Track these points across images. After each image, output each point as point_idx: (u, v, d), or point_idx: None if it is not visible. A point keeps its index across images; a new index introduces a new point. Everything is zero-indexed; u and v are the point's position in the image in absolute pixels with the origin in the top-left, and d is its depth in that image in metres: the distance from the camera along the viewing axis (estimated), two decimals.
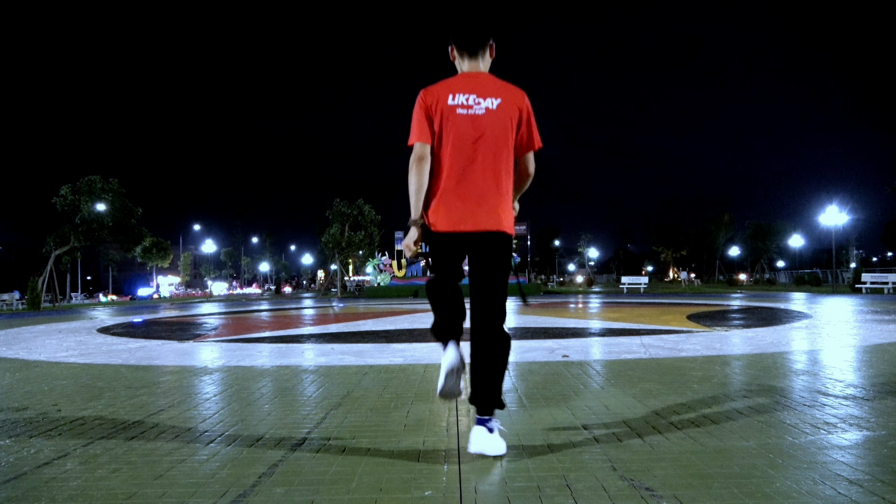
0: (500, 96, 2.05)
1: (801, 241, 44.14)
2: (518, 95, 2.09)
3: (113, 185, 28.16)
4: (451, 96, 2.04)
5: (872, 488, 1.66)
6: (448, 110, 2.03)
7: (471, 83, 2.07)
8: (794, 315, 9.15)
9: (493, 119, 2.03)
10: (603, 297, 21.61)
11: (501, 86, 2.09)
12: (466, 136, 2.02)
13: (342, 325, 8.56)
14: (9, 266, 61.37)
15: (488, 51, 2.15)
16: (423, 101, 2.06)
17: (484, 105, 2.03)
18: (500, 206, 2.03)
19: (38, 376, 4.09)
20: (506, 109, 2.04)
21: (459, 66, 2.17)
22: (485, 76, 2.11)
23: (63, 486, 1.79)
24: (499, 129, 2.03)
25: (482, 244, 2.02)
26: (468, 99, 2.04)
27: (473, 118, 2.02)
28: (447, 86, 2.07)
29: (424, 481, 1.78)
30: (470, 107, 2.03)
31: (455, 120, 2.02)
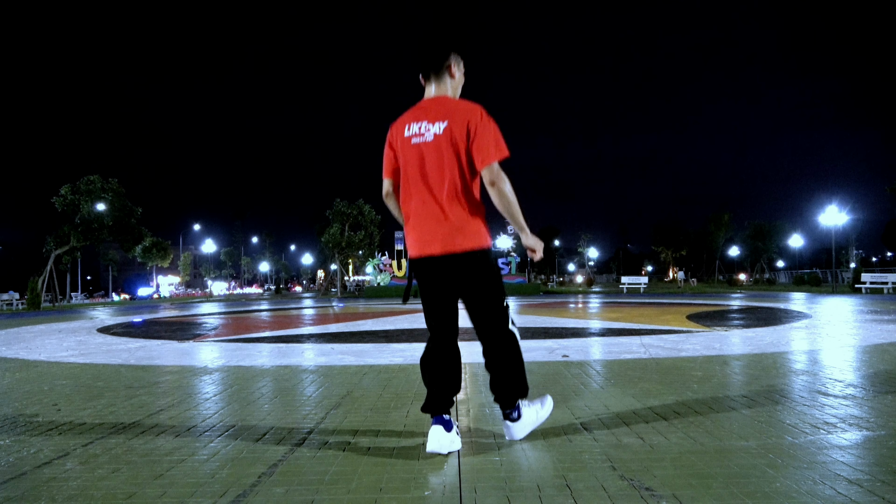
0: (447, 118, 2.04)
1: (800, 241, 44.14)
2: (466, 112, 2.03)
3: (113, 184, 28.16)
4: (407, 127, 2.10)
5: (872, 488, 1.66)
6: (404, 142, 2.10)
7: (425, 110, 2.10)
8: (794, 315, 9.15)
9: (438, 143, 2.03)
10: (603, 297, 21.61)
11: (452, 106, 2.07)
12: (415, 165, 2.07)
13: (342, 325, 8.56)
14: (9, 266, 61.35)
15: (446, 72, 2.15)
16: (388, 135, 2.17)
17: (432, 131, 2.04)
18: (457, 228, 2.02)
19: (38, 376, 4.10)
20: (451, 132, 2.02)
21: (426, 91, 2.18)
22: (440, 101, 2.11)
23: (63, 485, 1.80)
24: (443, 152, 2.02)
25: (451, 267, 2.05)
26: (420, 127, 2.07)
27: (423, 146, 2.05)
28: (407, 116, 2.14)
29: (424, 481, 1.78)
30: (422, 135, 2.06)
31: (408, 151, 2.09)
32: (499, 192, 2.02)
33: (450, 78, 2.16)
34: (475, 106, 2.06)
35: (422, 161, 2.06)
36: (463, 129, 2.02)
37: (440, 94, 2.15)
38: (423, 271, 2.10)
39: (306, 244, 70.23)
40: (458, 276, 2.07)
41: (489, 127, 2.02)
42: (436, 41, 2.14)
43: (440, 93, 2.15)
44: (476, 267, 2.06)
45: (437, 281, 2.09)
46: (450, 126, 2.03)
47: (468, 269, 2.05)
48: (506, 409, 2.16)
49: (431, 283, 2.10)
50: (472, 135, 2.01)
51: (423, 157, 2.05)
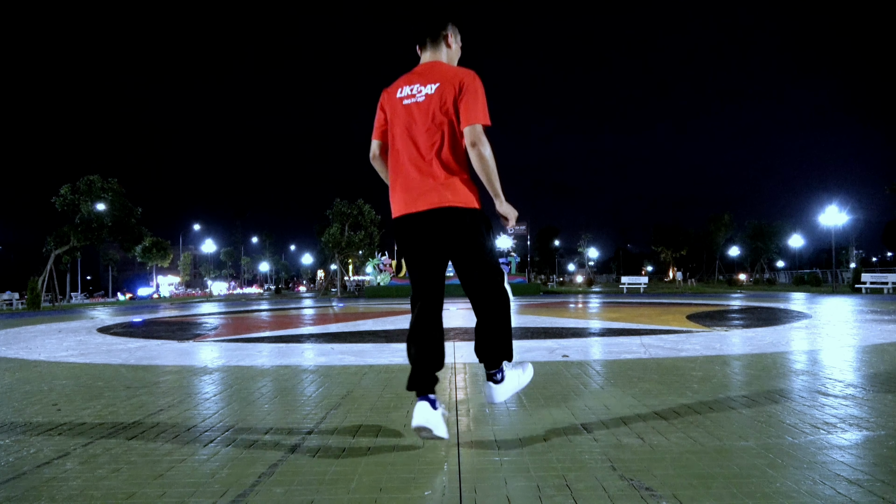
0: (439, 80, 2.06)
1: (800, 241, 44.15)
2: (459, 75, 2.06)
3: (112, 184, 28.17)
4: (400, 89, 2.13)
5: (872, 488, 1.66)
6: (396, 103, 2.13)
7: (420, 74, 2.13)
8: (794, 315, 9.15)
9: (429, 102, 2.05)
10: (603, 297, 21.61)
11: (447, 70, 2.10)
12: (404, 125, 2.09)
13: (342, 325, 8.56)
14: (9, 266, 61.34)
15: (443, 41, 2.18)
16: (381, 98, 2.20)
17: (424, 92, 2.07)
18: (446, 186, 2.02)
19: (38, 376, 4.09)
20: (442, 92, 2.04)
21: (422, 59, 2.22)
22: (435, 65, 2.14)
23: (63, 485, 1.79)
24: (433, 111, 2.04)
25: (440, 223, 2.03)
26: (412, 89, 2.10)
27: (416, 106, 2.08)
28: (400, 80, 2.16)
29: (424, 481, 1.78)
30: (413, 96, 2.09)
31: (399, 111, 2.11)
32: (479, 154, 2.01)
33: (446, 48, 2.19)
34: (469, 70, 2.08)
35: (411, 121, 2.08)
36: (454, 89, 2.03)
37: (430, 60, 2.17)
38: (409, 230, 2.08)
39: (306, 244, 70.24)
40: (446, 234, 2.04)
41: (479, 91, 2.04)
42: (434, 10, 2.16)
43: (435, 59, 2.17)
44: (465, 225, 2.04)
45: (424, 240, 2.07)
46: (441, 87, 2.05)
47: (457, 228, 2.03)
48: (491, 369, 2.18)
49: (418, 244, 2.08)
50: (462, 93, 2.02)
51: (413, 117, 2.07)
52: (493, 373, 2.19)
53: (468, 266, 2.09)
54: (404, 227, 2.10)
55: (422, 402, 2.04)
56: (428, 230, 2.05)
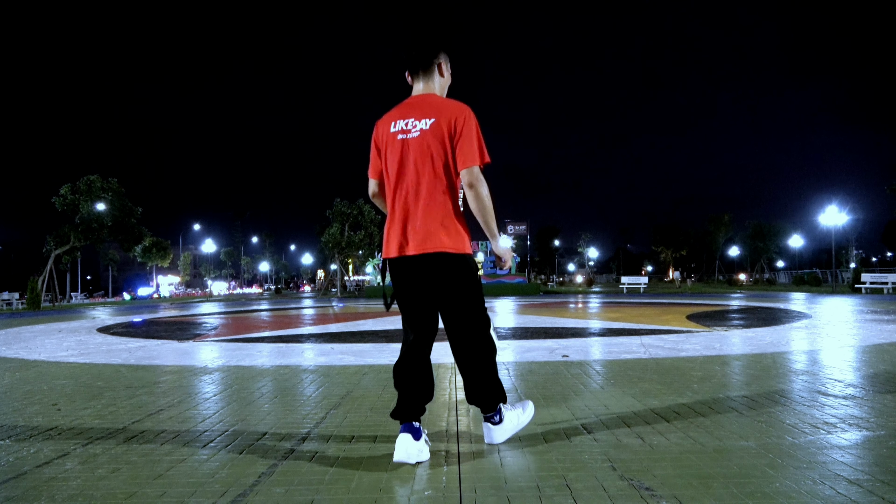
0: (434, 115, 2.01)
1: (800, 241, 44.13)
2: (453, 111, 2.00)
3: (112, 184, 28.17)
4: (394, 123, 2.06)
5: (872, 488, 1.66)
6: (390, 138, 2.06)
7: (413, 107, 2.07)
8: (794, 315, 9.15)
9: (423, 139, 1.99)
10: (603, 297, 21.61)
11: (439, 104, 2.04)
12: (399, 162, 2.03)
13: (342, 325, 8.56)
14: (9, 266, 61.33)
15: (436, 70, 2.13)
16: (374, 135, 2.12)
17: (419, 127, 2.01)
18: (439, 228, 1.97)
19: (38, 376, 4.09)
20: (438, 128, 1.99)
21: (414, 89, 2.16)
22: (428, 98, 2.09)
23: (63, 485, 1.79)
24: (427, 149, 1.99)
25: (428, 267, 1.98)
26: (407, 123, 2.03)
27: (409, 142, 2.02)
28: (393, 113, 2.09)
29: (424, 481, 1.78)
30: (408, 131, 2.02)
31: (393, 146, 2.04)
32: (476, 195, 1.98)
33: (438, 76, 2.15)
34: (463, 106, 2.03)
35: (406, 157, 2.02)
36: (449, 127, 1.99)
37: (426, 92, 2.12)
38: (403, 273, 2.03)
39: (306, 244, 70.28)
40: (434, 278, 1.99)
41: (474, 130, 1.99)
42: (426, 39, 2.12)
43: (428, 90, 2.12)
44: (458, 271, 1.99)
45: (413, 283, 2.02)
46: (437, 122, 1.99)
47: (450, 273, 1.98)
48: (487, 412, 2.12)
49: (411, 286, 2.03)
50: (457, 134, 1.98)
51: (408, 153, 2.02)
52: (491, 416, 2.12)
53: (457, 313, 2.03)
54: (398, 269, 2.04)
55: (404, 434, 1.95)
56: (422, 274, 2.00)
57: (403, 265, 2.02)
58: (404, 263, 2.01)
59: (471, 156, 1.97)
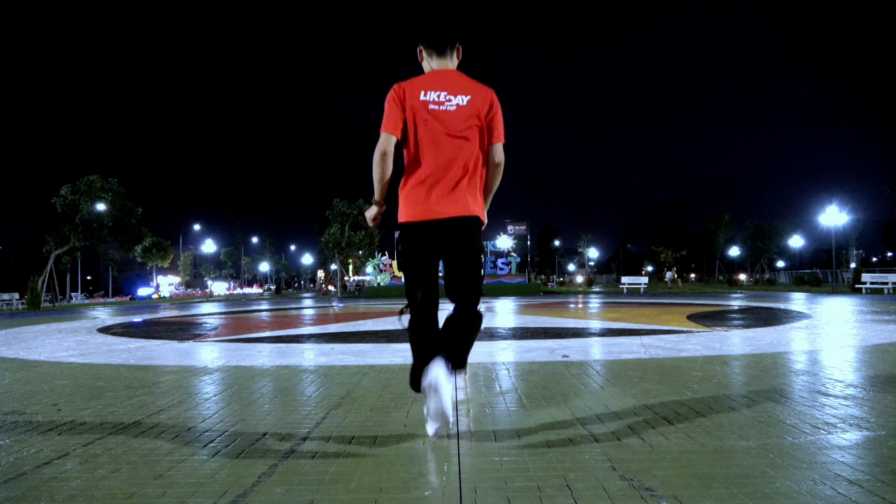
0: (469, 93, 2.14)
1: (801, 241, 44.13)
2: (487, 93, 2.18)
3: (113, 184, 28.17)
4: (423, 93, 2.12)
5: (872, 488, 1.66)
6: (420, 106, 2.11)
7: (442, 80, 2.16)
8: (794, 315, 9.15)
9: (463, 115, 2.12)
10: (603, 297, 21.61)
11: (471, 83, 2.18)
12: (438, 131, 2.11)
13: (342, 325, 8.56)
14: (9, 266, 61.33)
15: (455, 52, 2.25)
16: (396, 94, 2.14)
17: (455, 101, 2.12)
18: (468, 195, 2.13)
19: (38, 376, 4.09)
20: (475, 105, 2.13)
21: (428, 66, 2.25)
22: (455, 74, 2.20)
23: (63, 485, 1.79)
24: (468, 124, 2.12)
25: (455, 230, 2.11)
26: (440, 95, 2.12)
27: (445, 114, 2.11)
28: (420, 82, 2.16)
29: (424, 481, 1.78)
30: (441, 103, 2.11)
31: (427, 115, 2.11)
32: (500, 170, 2.21)
33: (456, 58, 2.26)
34: (491, 89, 2.20)
35: (440, 127, 2.10)
36: (486, 107, 2.15)
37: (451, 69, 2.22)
38: (426, 235, 2.11)
39: (306, 244, 70.23)
40: (461, 239, 2.12)
41: (501, 112, 2.20)
42: (450, 18, 2.22)
43: (450, 67, 2.22)
44: (477, 234, 2.17)
45: (436, 245, 2.13)
46: (473, 100, 2.13)
47: (471, 235, 2.14)
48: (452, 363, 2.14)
49: (428, 250, 2.13)
50: (491, 114, 2.16)
51: (443, 124, 2.10)
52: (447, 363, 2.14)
53: (464, 272, 2.15)
54: (427, 232, 2.11)
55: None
56: (449, 235, 2.11)
57: (433, 228, 2.10)
58: (434, 227, 2.10)
59: (501, 134, 2.19)
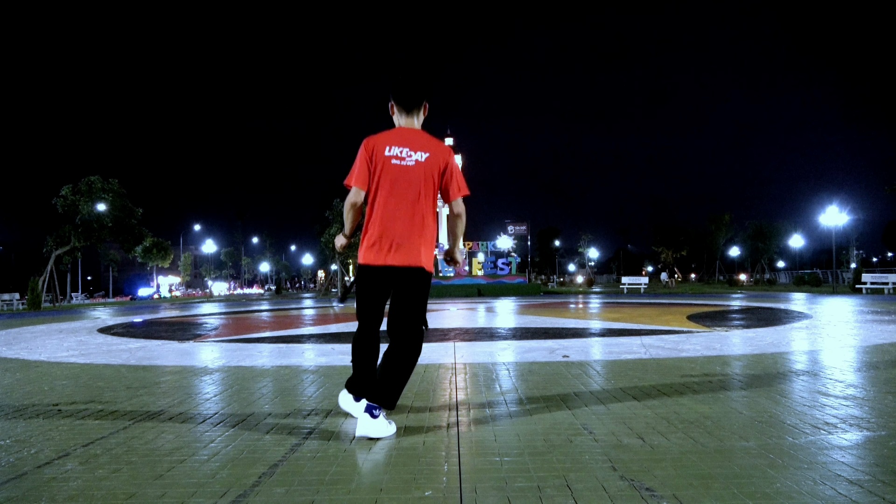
0: (428, 151, 2.38)
1: (801, 241, 44.11)
2: (444, 151, 2.42)
3: (113, 185, 28.17)
4: (388, 148, 2.36)
5: (873, 488, 1.66)
6: (385, 160, 2.34)
7: (405, 137, 2.40)
8: (795, 315, 9.15)
9: (420, 170, 2.35)
10: (603, 297, 21.61)
11: (430, 141, 2.42)
12: (392, 183, 2.33)
13: (342, 326, 8.56)
14: (9, 266, 61.38)
15: (423, 110, 2.49)
16: (366, 147, 2.37)
17: (414, 158, 2.35)
18: (420, 245, 2.35)
19: (39, 376, 4.10)
20: (432, 162, 2.37)
21: (397, 121, 2.49)
22: (417, 133, 2.44)
23: (63, 486, 1.80)
24: (424, 179, 2.35)
25: (403, 277, 2.34)
26: (402, 151, 2.35)
27: (405, 168, 2.34)
28: (386, 138, 2.39)
29: (424, 481, 1.78)
30: (403, 158, 2.35)
31: (389, 169, 2.34)
32: (461, 220, 2.47)
33: (423, 115, 2.51)
34: (448, 147, 2.46)
35: (399, 181, 2.33)
36: (441, 165, 2.39)
37: (414, 127, 2.46)
38: (382, 277, 2.34)
39: (306, 244, 70.21)
40: (410, 286, 2.35)
41: (458, 169, 2.46)
42: (419, 83, 2.46)
43: (413, 125, 2.47)
44: (425, 282, 2.39)
45: (385, 286, 2.36)
46: (431, 158, 2.37)
47: (420, 283, 2.37)
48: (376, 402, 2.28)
49: (379, 287, 2.35)
50: (447, 171, 2.41)
51: (404, 179, 2.34)
52: (375, 409, 2.27)
53: (412, 309, 2.36)
54: (383, 275, 2.33)
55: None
56: (397, 280, 2.35)
57: (384, 273, 2.33)
58: (385, 271, 2.33)
59: (462, 188, 2.44)
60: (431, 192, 2.38)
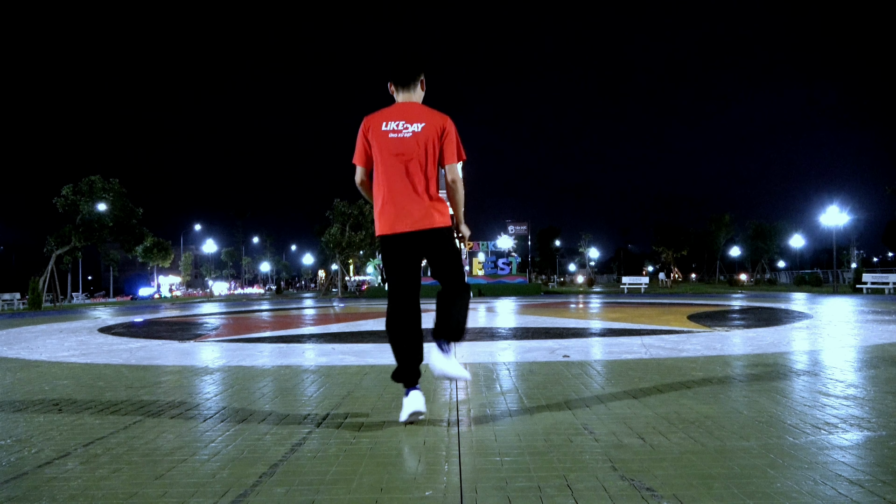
0: (423, 121, 2.45)
1: (801, 241, 44.09)
2: (440, 119, 2.48)
3: (114, 185, 28.20)
4: (384, 123, 2.46)
5: (873, 489, 1.66)
6: (381, 135, 2.45)
7: (401, 112, 2.49)
8: (795, 315, 9.15)
9: (416, 140, 2.43)
10: (603, 297, 21.60)
11: (427, 112, 2.50)
12: (391, 155, 2.43)
13: (343, 325, 8.56)
14: (10, 266, 61.39)
15: (419, 85, 2.57)
16: (364, 126, 2.49)
17: (410, 129, 2.44)
18: (429, 208, 2.42)
19: (39, 376, 4.10)
20: (428, 131, 2.44)
21: (396, 98, 2.57)
22: (413, 105, 2.52)
23: (64, 485, 1.80)
24: (421, 147, 2.42)
25: (421, 242, 2.44)
26: (398, 125, 2.45)
27: (401, 141, 2.43)
28: (381, 114, 2.49)
29: (424, 481, 1.78)
30: (399, 131, 2.44)
31: (386, 143, 2.44)
32: (456, 186, 2.52)
33: (420, 90, 2.58)
34: (445, 116, 2.50)
35: (398, 153, 2.42)
36: (438, 132, 2.45)
37: (412, 101, 2.54)
38: (401, 246, 2.44)
39: (307, 244, 70.22)
40: (431, 248, 2.46)
41: (456, 134, 2.50)
42: (413, 58, 2.53)
43: (411, 99, 2.54)
44: (446, 239, 2.47)
45: (412, 254, 2.46)
46: (427, 127, 2.44)
47: (440, 242, 2.45)
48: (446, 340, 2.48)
49: (407, 257, 2.45)
50: (444, 137, 2.46)
51: (401, 150, 2.42)
52: (445, 344, 2.48)
53: (445, 266, 2.49)
54: (397, 243, 2.44)
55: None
56: (417, 246, 2.45)
57: (404, 239, 2.43)
58: (405, 238, 2.43)
59: (456, 154, 2.49)
60: (432, 161, 2.45)
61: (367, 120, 2.49)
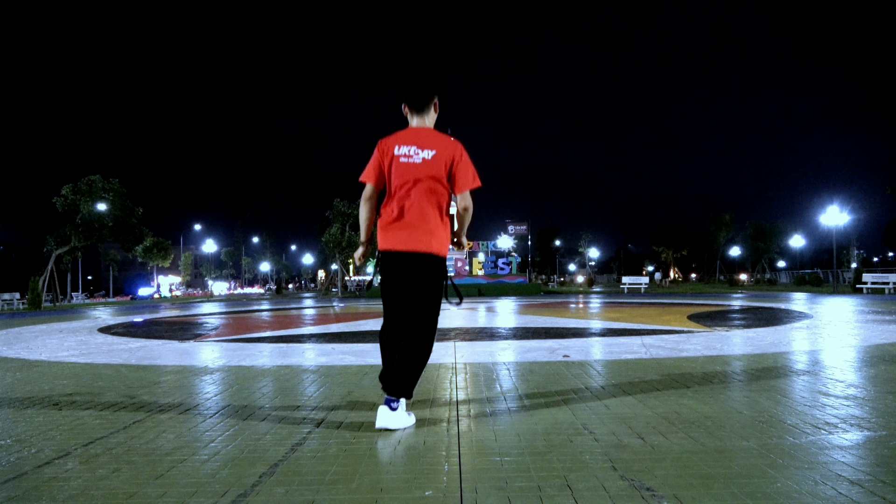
0: (434, 148, 2.49)
1: (801, 241, 44.10)
2: (450, 147, 2.51)
3: (114, 184, 28.19)
4: (398, 147, 2.51)
5: (873, 489, 1.66)
6: (394, 159, 2.50)
7: (414, 137, 2.53)
8: (795, 315, 9.14)
9: (426, 167, 2.47)
10: (603, 297, 21.60)
11: (438, 139, 2.53)
12: (405, 180, 2.47)
13: (343, 325, 8.56)
14: (10, 266, 61.38)
15: (433, 108, 2.61)
16: (379, 148, 2.55)
17: (421, 156, 2.48)
18: (430, 234, 2.46)
19: (39, 376, 4.10)
20: (438, 159, 2.47)
21: (409, 120, 2.61)
22: (426, 131, 2.56)
23: (64, 485, 1.80)
24: (431, 175, 2.46)
25: (415, 262, 2.46)
26: (410, 150, 2.49)
27: (412, 166, 2.47)
28: (396, 138, 2.54)
29: (424, 481, 1.78)
30: (410, 157, 2.48)
31: (398, 167, 2.48)
32: (467, 213, 2.57)
33: (434, 112, 2.63)
34: (457, 143, 2.54)
35: (408, 178, 2.46)
36: (448, 160, 2.49)
37: (425, 126, 2.59)
38: (394, 263, 2.48)
39: (307, 244, 70.20)
40: (424, 273, 2.46)
41: (469, 161, 2.53)
42: (426, 83, 2.56)
43: (424, 124, 2.59)
44: (437, 268, 2.49)
45: (402, 273, 2.48)
46: (438, 154, 2.48)
47: (432, 269, 2.48)
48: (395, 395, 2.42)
49: (404, 276, 2.47)
50: (454, 167, 2.50)
51: (410, 176, 2.46)
52: (393, 401, 2.41)
53: (422, 299, 2.47)
54: (394, 260, 2.48)
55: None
56: (415, 267, 2.46)
57: (405, 258, 2.46)
58: (406, 257, 2.46)
59: (470, 181, 2.52)
60: (440, 188, 2.48)
61: (383, 142, 2.55)
